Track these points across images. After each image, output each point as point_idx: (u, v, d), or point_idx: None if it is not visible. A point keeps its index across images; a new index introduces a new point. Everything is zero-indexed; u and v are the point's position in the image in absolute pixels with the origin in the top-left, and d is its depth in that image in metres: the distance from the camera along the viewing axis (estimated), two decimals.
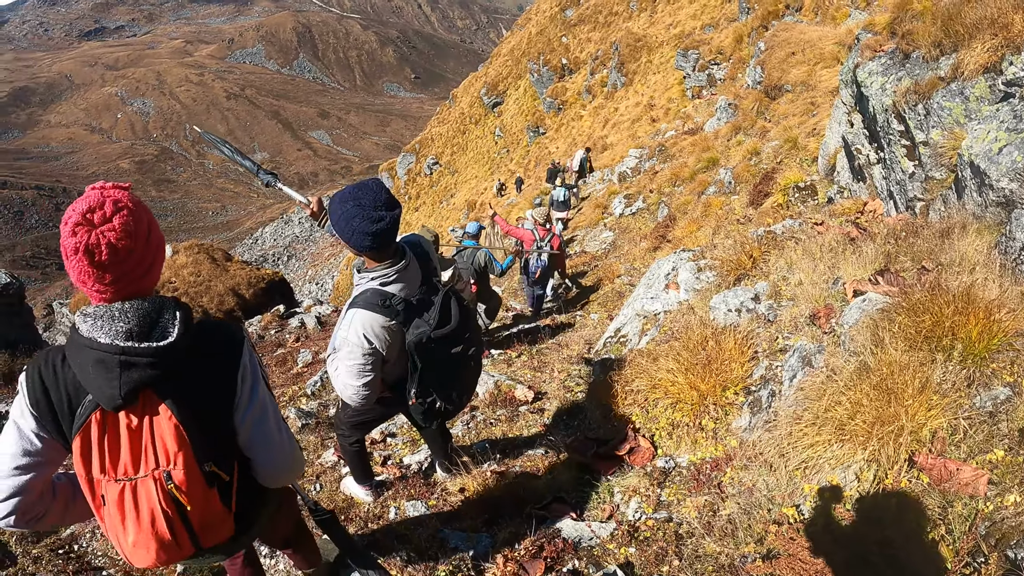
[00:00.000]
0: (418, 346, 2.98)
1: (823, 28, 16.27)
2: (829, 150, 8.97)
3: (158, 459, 1.86)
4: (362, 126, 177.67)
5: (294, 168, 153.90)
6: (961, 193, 4.45)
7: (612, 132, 33.38)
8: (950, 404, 2.57)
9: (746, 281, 5.04)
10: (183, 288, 15.61)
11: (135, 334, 1.80)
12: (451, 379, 3.16)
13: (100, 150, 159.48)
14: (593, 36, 52.43)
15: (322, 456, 5.91)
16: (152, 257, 1.89)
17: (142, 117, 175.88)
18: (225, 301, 15.81)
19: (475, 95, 66.02)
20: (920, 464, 2.44)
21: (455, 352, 3.07)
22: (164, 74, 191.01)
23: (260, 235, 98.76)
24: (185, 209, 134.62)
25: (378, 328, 2.95)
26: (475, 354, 3.23)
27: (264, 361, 10.90)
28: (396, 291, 2.95)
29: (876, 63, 6.88)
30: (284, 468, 2.15)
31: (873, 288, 3.60)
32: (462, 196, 50.29)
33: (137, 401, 1.83)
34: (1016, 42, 4.66)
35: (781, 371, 3.58)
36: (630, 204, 16.83)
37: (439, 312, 2.99)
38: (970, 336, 2.72)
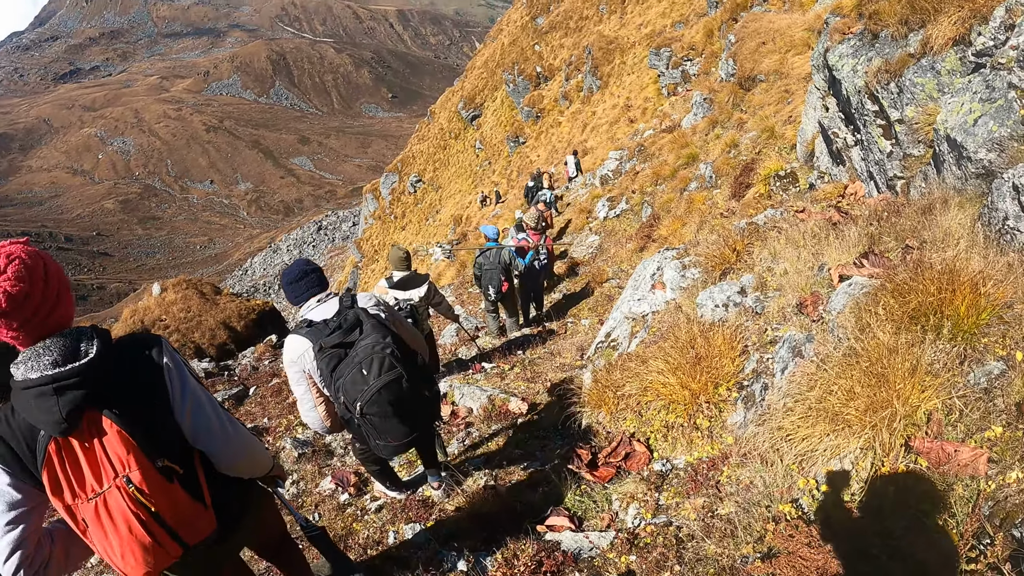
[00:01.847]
0: (318, 353, 3.51)
1: (792, 15, 16.28)
2: (806, 136, 8.93)
3: (115, 468, 2.04)
4: (343, 149, 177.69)
5: (278, 196, 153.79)
6: (940, 168, 4.41)
7: (591, 136, 33.41)
8: (943, 384, 2.50)
9: (731, 275, 4.98)
10: (173, 325, 15.57)
11: (60, 362, 1.97)
12: (352, 388, 3.41)
13: (83, 192, 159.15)
14: (565, 42, 52.58)
15: (320, 485, 5.83)
16: (54, 297, 2.03)
17: (123, 156, 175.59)
18: (217, 335, 15.76)
19: (453, 110, 66.14)
20: (917, 448, 2.37)
21: (350, 358, 3.43)
22: (142, 111, 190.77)
23: (249, 266, 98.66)
24: (173, 245, 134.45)
25: (296, 344, 3.63)
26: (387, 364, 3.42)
27: (260, 392, 10.85)
28: (313, 317, 3.70)
29: (846, 46, 6.87)
30: (235, 454, 2.35)
31: (858, 271, 3.54)
32: (447, 211, 50.25)
33: (81, 423, 2.00)
34: (983, 12, 4.63)
35: (772, 363, 3.52)
36: (614, 206, 16.77)
37: (335, 325, 3.54)
38: (958, 312, 2.65)
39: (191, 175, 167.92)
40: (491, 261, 10.00)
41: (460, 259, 26.11)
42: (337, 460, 6.34)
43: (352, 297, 3.78)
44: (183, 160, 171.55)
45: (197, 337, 15.43)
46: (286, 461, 6.51)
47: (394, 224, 63.94)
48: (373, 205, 72.51)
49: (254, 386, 11.41)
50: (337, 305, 3.71)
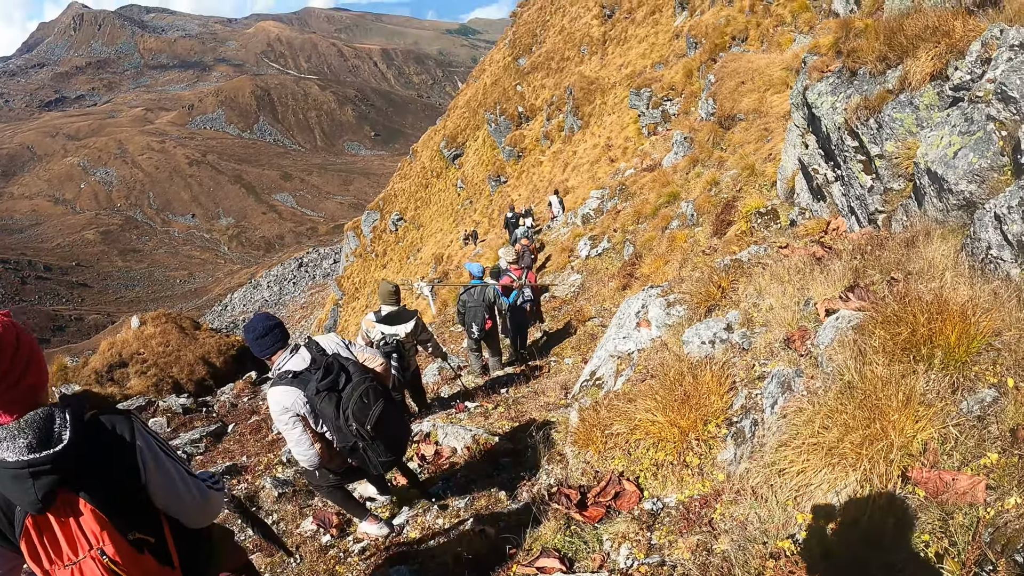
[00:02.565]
0: (314, 397, 4.05)
1: (770, 55, 16.62)
2: (787, 173, 9.03)
3: (89, 541, 2.11)
4: (325, 186, 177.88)
5: (260, 232, 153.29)
6: (921, 201, 4.45)
7: (572, 175, 33.70)
8: (937, 414, 2.50)
9: (717, 312, 4.98)
10: (152, 359, 15.37)
11: (35, 446, 2.01)
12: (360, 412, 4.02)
13: (64, 221, 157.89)
14: (547, 82, 53.28)
15: (301, 525, 5.70)
16: (22, 368, 2.08)
17: (105, 187, 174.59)
18: (196, 370, 15.57)
19: (435, 149, 66.59)
20: (915, 479, 2.35)
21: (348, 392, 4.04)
22: (126, 142, 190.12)
23: (229, 301, 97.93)
24: (152, 278, 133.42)
25: (282, 393, 4.14)
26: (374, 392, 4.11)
27: (238, 429, 10.70)
28: (292, 367, 4.19)
29: (824, 83, 6.98)
30: (202, 515, 2.51)
31: (844, 305, 3.55)
32: (429, 250, 50.29)
33: (56, 500, 2.07)
34: (959, 47, 4.74)
35: (761, 399, 3.49)
36: (595, 245, 16.85)
37: (321, 371, 4.06)
38: (948, 342, 2.66)
39: (173, 208, 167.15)
40: (475, 299, 9.97)
41: (441, 297, 26.04)
42: (318, 500, 6.20)
43: (319, 345, 4.31)
44: (165, 193, 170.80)
45: (175, 372, 15.24)
46: (265, 501, 6.37)
47: (375, 262, 63.86)
48: (354, 243, 72.47)
49: (233, 423, 11.27)
50: (308, 354, 4.25)
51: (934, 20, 5.17)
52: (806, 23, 19.77)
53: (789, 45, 17.55)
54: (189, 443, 10.04)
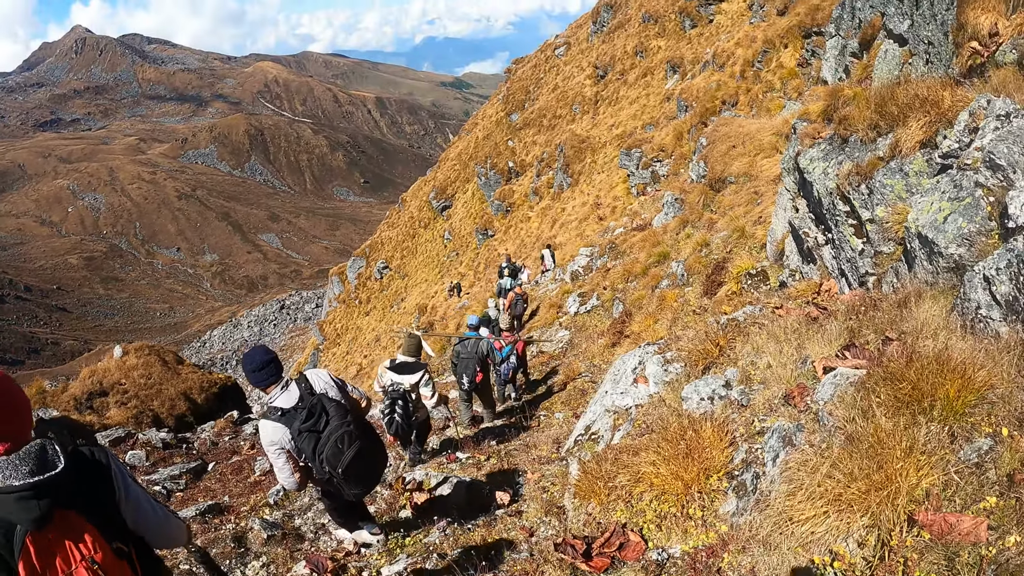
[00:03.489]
0: (297, 436, 4.56)
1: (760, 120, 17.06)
2: (776, 236, 9.20)
3: (81, 552, 2.41)
4: (312, 230, 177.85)
5: (244, 271, 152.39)
6: (912, 263, 4.57)
7: (560, 232, 34.01)
8: (938, 461, 2.60)
9: (715, 369, 5.04)
10: (133, 390, 15.12)
11: (36, 471, 2.36)
12: (333, 457, 4.53)
13: (49, 243, 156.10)
14: (538, 139, 54.07)
15: (292, 569, 5.60)
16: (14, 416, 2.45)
17: (92, 212, 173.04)
18: (177, 405, 15.35)
19: (424, 199, 67.01)
20: (921, 522, 2.43)
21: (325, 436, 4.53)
22: (117, 170, 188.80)
23: (208, 338, 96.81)
24: (132, 309, 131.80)
25: (270, 428, 4.63)
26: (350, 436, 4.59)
27: (219, 468, 10.58)
28: (282, 405, 4.63)
29: (816, 150, 7.15)
30: (163, 534, 2.87)
31: (842, 363, 3.63)
32: (412, 300, 50.25)
33: (54, 517, 2.38)
34: (948, 116, 4.93)
35: (762, 453, 3.55)
36: (584, 302, 16.94)
37: (306, 413, 4.56)
38: (948, 395, 2.78)
39: (158, 240, 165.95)
40: (468, 351, 10.18)
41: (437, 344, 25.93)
42: (308, 544, 6.11)
43: (308, 382, 4.73)
44: (152, 224, 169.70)
45: (156, 406, 14.99)
46: (254, 543, 6.25)
47: (359, 309, 63.67)
48: (338, 288, 72.24)
49: (213, 462, 11.08)
50: (297, 391, 4.67)
51: (924, 91, 5.36)
52: (795, 90, 20.39)
53: (779, 111, 18.04)
54: (168, 479, 9.82)
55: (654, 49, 47.37)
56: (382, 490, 7.16)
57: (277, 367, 4.75)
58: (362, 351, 51.72)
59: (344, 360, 54.94)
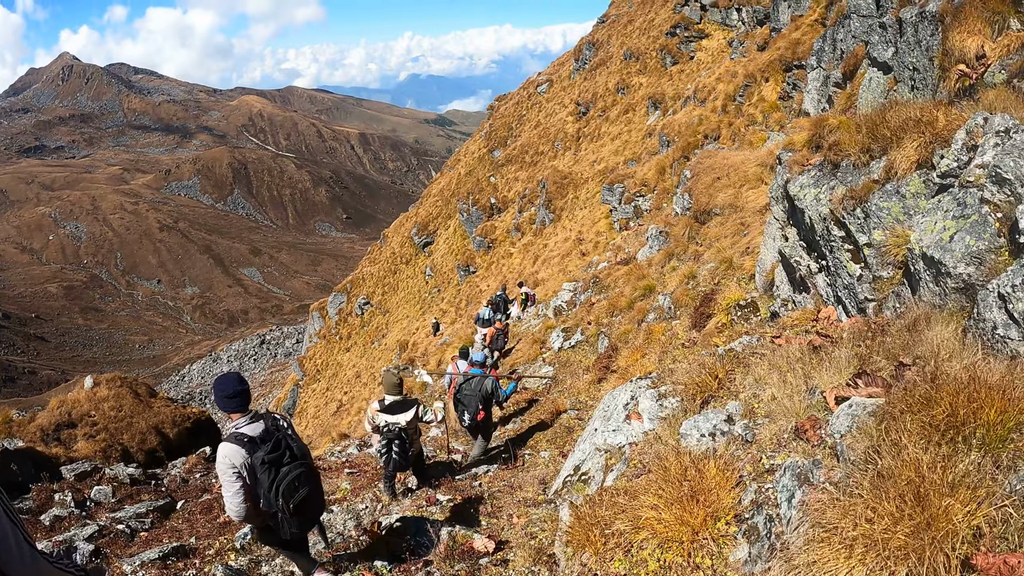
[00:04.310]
0: (259, 466, 4.69)
1: (744, 152, 17.04)
2: (766, 266, 9.03)
3: None
4: (293, 265, 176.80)
5: (224, 305, 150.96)
6: (916, 286, 4.44)
7: (543, 268, 33.85)
8: (985, 495, 2.30)
9: (714, 403, 4.81)
10: (102, 423, 14.60)
11: None
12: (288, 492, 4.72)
13: (29, 271, 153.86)
14: (520, 175, 54.25)
15: None
16: None
17: (74, 241, 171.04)
18: (148, 439, 14.85)
19: (406, 235, 66.91)
20: (980, 565, 2.11)
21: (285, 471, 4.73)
22: (99, 199, 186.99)
23: (187, 372, 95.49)
24: (111, 340, 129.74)
25: (232, 451, 4.73)
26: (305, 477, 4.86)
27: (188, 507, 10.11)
28: (248, 432, 4.79)
29: (806, 176, 7.04)
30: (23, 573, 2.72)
31: (855, 392, 3.41)
32: (393, 336, 49.78)
33: None
34: (943, 136, 4.86)
35: (773, 493, 3.26)
36: (568, 337, 16.65)
37: (271, 444, 4.74)
38: (988, 419, 2.50)
39: (139, 271, 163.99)
40: (472, 388, 10.27)
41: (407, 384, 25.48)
42: None
43: (275, 421, 4.94)
44: (133, 255, 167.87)
45: (126, 439, 14.45)
46: None
47: (339, 344, 63.10)
48: (319, 323, 71.70)
49: (182, 500, 10.60)
50: (263, 424, 4.87)
51: (916, 112, 5.30)
52: (776, 122, 20.56)
53: (761, 143, 18.10)
54: (134, 517, 9.32)
55: (636, 86, 47.87)
56: (358, 535, 6.80)
57: (247, 398, 4.95)
58: (342, 387, 51.10)
59: (324, 396, 54.25)
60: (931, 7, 7.19)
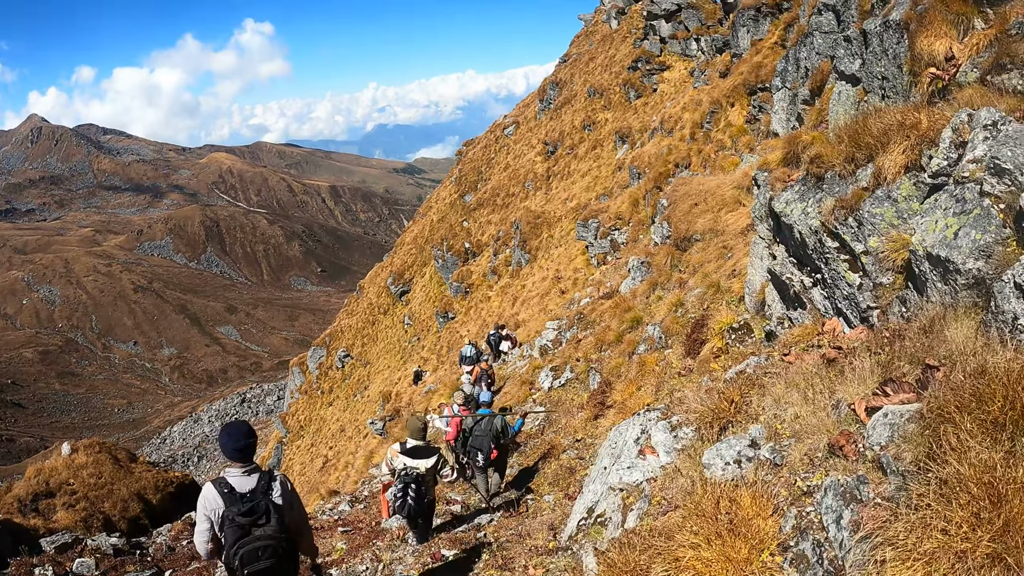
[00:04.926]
0: (227, 521, 4.55)
1: (719, 177, 17.09)
2: (755, 287, 8.94)
3: None
4: (270, 321, 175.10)
5: (202, 365, 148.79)
6: (923, 288, 4.38)
7: (523, 309, 33.62)
8: None
9: (733, 429, 4.63)
10: (82, 491, 14.09)
11: None
12: (248, 558, 4.52)
13: (3, 336, 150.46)
14: (493, 218, 54.36)
15: None
16: None
17: (48, 305, 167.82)
18: (130, 507, 14.35)
19: (382, 285, 66.57)
20: None
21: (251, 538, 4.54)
22: (72, 262, 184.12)
23: (168, 434, 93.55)
24: (90, 405, 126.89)
25: (210, 494, 4.65)
26: (272, 551, 4.59)
27: None
28: (234, 483, 4.66)
29: (790, 192, 7.01)
30: None
31: (887, 401, 3.27)
32: (376, 387, 49.06)
33: None
34: (929, 137, 4.87)
35: (817, 516, 3.07)
36: (558, 376, 16.43)
37: (249, 507, 4.55)
38: None
39: (115, 334, 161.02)
40: (483, 428, 10.40)
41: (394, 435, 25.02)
42: None
43: (269, 482, 4.73)
44: (108, 318, 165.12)
45: (107, 507, 13.93)
46: None
47: (321, 399, 62.13)
48: (300, 379, 70.68)
49: (170, 569, 10.17)
50: (255, 483, 4.68)
51: (899, 117, 5.30)
52: (746, 145, 20.74)
53: (733, 167, 18.19)
54: None
55: (601, 122, 48.44)
56: None
57: (251, 451, 4.84)
58: (327, 442, 50.16)
59: (309, 452, 53.22)
60: (894, 16, 7.30)
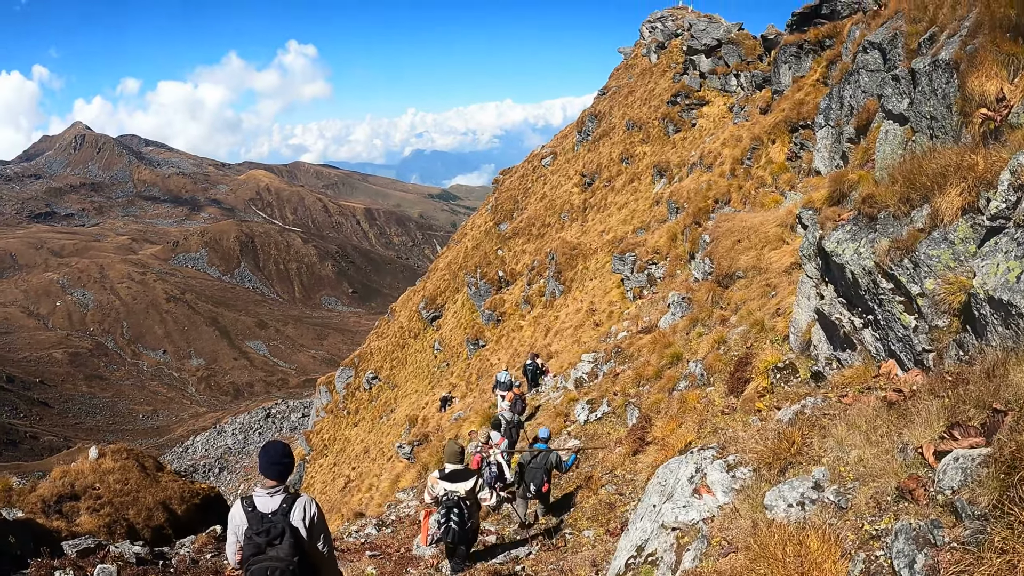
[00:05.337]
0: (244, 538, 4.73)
1: (762, 214, 16.95)
2: (801, 326, 8.85)
3: None
4: (299, 338, 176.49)
5: (229, 377, 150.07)
6: (983, 331, 4.36)
7: (555, 340, 33.43)
8: None
9: (793, 470, 4.56)
10: (107, 496, 13.98)
11: None
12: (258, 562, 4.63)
13: (35, 336, 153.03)
14: (528, 247, 54.37)
15: None
16: None
17: (80, 308, 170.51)
18: (154, 516, 14.28)
19: (414, 309, 66.74)
20: None
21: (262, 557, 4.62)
22: (107, 268, 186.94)
23: (191, 444, 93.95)
24: (115, 409, 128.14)
25: (237, 512, 4.85)
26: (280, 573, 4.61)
27: None
28: (258, 503, 4.79)
29: (841, 232, 6.94)
30: None
31: (955, 445, 3.24)
32: (403, 411, 49.02)
33: None
34: (987, 178, 4.84)
35: (886, 560, 3.03)
36: (594, 409, 16.25)
37: (266, 528, 4.63)
38: None
39: (145, 341, 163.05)
40: (538, 461, 10.76)
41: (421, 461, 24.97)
42: None
43: (291, 505, 4.76)
44: (139, 325, 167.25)
45: (132, 515, 13.87)
46: None
47: (347, 419, 62.24)
48: (326, 398, 70.90)
49: None
50: (277, 504, 4.74)
51: (954, 158, 5.31)
52: (786, 183, 20.54)
53: (774, 205, 18.03)
54: None
55: (640, 155, 48.48)
56: None
57: (286, 471, 4.95)
58: (350, 463, 50.16)
59: (332, 472, 53.24)
60: (943, 55, 7.25)
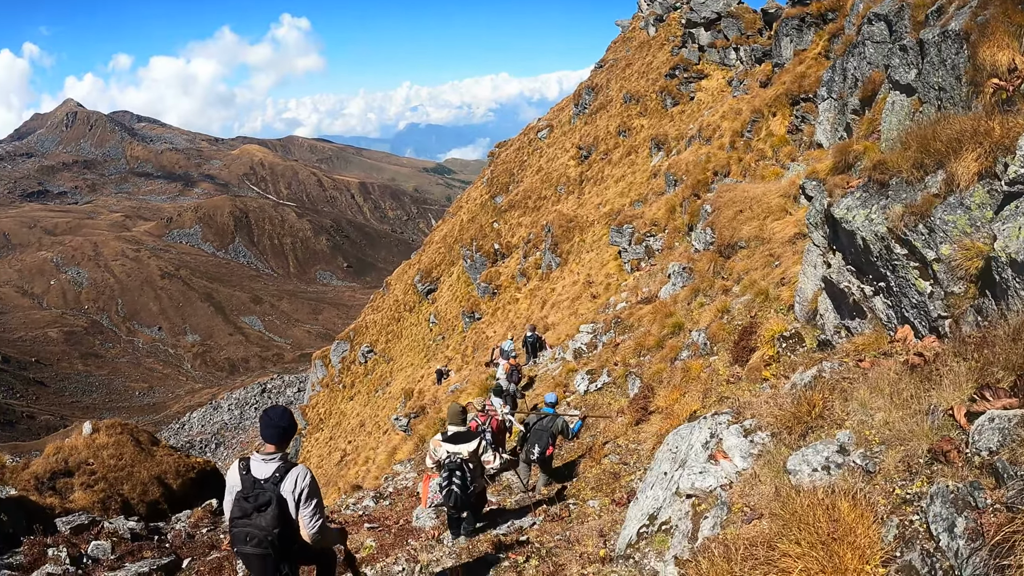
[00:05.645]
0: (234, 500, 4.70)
1: (765, 184, 16.85)
2: (806, 295, 8.77)
3: None
4: (295, 313, 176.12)
5: (225, 353, 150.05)
6: (1004, 295, 4.31)
7: (552, 312, 33.41)
8: None
9: (815, 434, 4.45)
10: (101, 471, 13.91)
11: None
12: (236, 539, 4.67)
13: (29, 315, 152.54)
14: (524, 220, 54.22)
15: None
16: None
17: (75, 286, 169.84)
18: (150, 490, 14.22)
19: (409, 282, 66.71)
20: None
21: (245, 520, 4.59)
22: (101, 245, 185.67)
23: (187, 420, 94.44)
24: (111, 387, 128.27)
25: (233, 472, 4.83)
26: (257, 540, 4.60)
27: (195, 566, 9.60)
28: (253, 467, 4.75)
29: (851, 198, 6.84)
30: None
31: (989, 406, 3.15)
32: (398, 384, 49.10)
33: None
34: (1004, 143, 4.82)
35: (923, 524, 2.92)
36: (594, 380, 16.23)
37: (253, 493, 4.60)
38: None
39: (140, 318, 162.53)
40: (544, 424, 10.79)
41: (418, 433, 24.99)
42: None
43: (284, 474, 4.66)
44: (134, 302, 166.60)
45: (127, 490, 13.81)
46: None
47: (343, 393, 62.44)
48: (322, 372, 71.06)
49: (188, 558, 9.98)
50: (272, 470, 4.67)
51: (970, 124, 5.27)
52: (787, 156, 20.51)
53: (774, 177, 17.95)
54: None
55: (637, 128, 48.17)
56: None
57: (287, 435, 4.84)
58: (346, 436, 50.37)
59: (327, 445, 53.47)
60: (953, 26, 7.15)
